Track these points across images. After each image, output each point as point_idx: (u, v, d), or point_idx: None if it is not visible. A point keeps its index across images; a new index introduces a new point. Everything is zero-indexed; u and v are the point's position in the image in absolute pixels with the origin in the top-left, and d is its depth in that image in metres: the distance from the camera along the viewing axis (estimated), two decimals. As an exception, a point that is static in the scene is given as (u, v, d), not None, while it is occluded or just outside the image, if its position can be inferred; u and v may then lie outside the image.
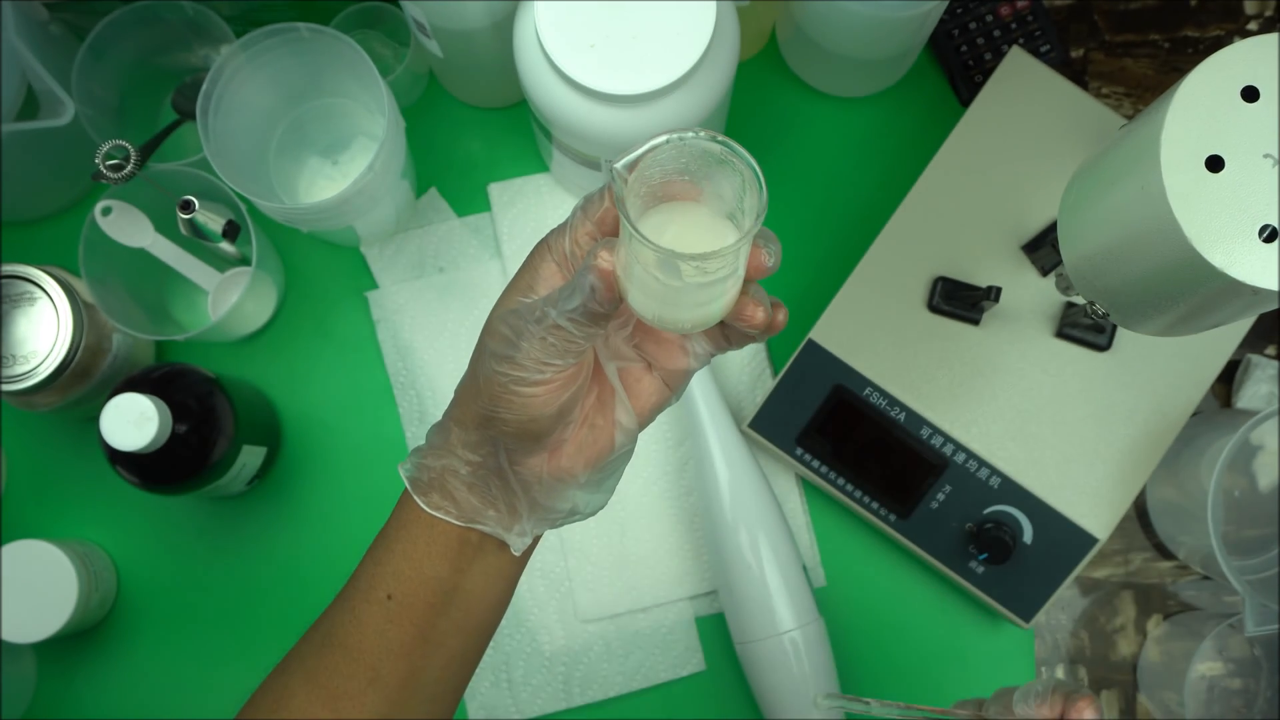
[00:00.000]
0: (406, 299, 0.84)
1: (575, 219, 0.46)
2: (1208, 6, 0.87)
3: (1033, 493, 0.76)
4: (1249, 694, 0.81)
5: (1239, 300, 0.52)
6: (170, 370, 0.74)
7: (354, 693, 0.50)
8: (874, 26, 0.74)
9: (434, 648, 0.50)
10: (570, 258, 0.46)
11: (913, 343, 0.77)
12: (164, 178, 0.75)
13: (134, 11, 0.77)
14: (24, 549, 0.76)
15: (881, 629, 0.81)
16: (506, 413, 0.46)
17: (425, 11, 0.72)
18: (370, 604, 0.50)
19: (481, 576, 0.50)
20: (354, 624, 0.50)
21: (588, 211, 0.46)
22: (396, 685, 0.50)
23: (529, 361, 0.45)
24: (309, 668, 0.51)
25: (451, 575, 0.50)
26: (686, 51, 0.65)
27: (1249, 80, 0.51)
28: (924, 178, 0.78)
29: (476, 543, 0.50)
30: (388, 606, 0.50)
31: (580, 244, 0.46)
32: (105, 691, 0.82)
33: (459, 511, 0.49)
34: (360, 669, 0.50)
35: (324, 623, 0.52)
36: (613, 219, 0.46)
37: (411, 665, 0.50)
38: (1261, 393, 0.82)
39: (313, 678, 0.51)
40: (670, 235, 0.42)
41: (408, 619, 0.50)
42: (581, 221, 0.46)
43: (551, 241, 0.47)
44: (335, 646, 0.51)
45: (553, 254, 0.47)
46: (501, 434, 0.47)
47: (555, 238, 0.47)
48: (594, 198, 0.46)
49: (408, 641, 0.50)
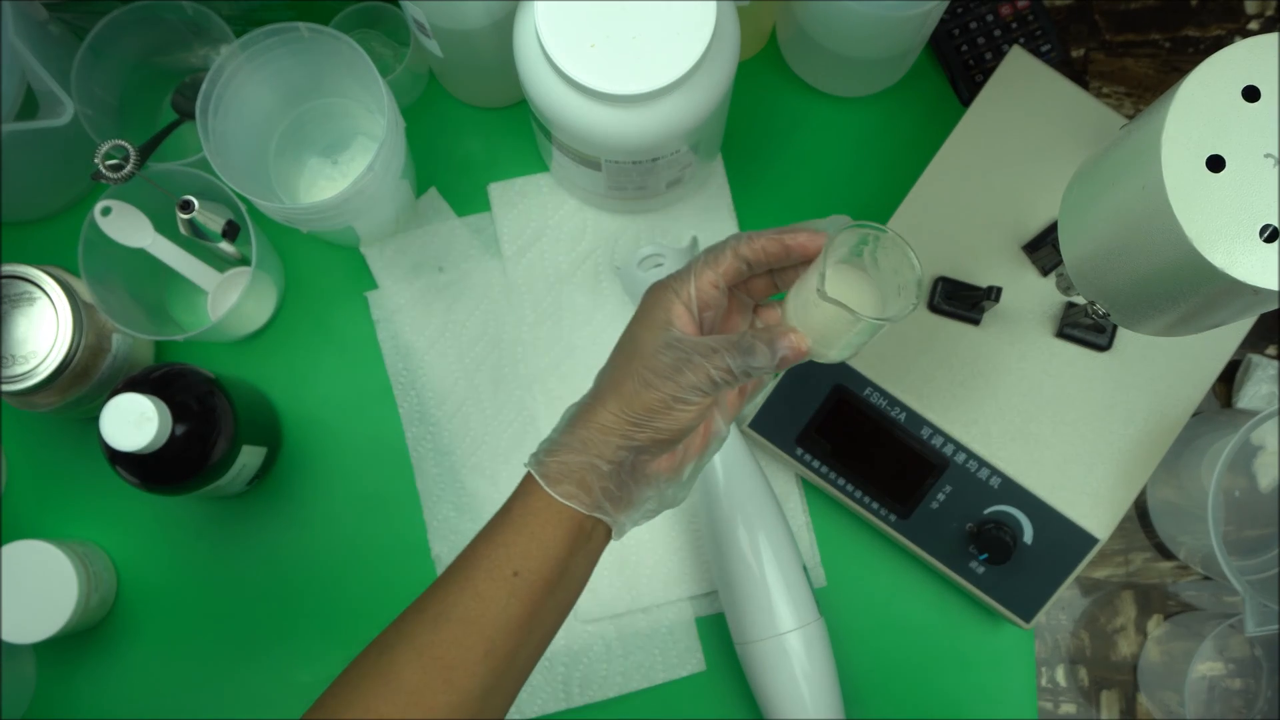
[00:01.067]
0: (406, 299, 0.84)
1: (698, 268, 0.56)
2: (1208, 6, 0.87)
3: (1033, 493, 0.76)
4: (1249, 694, 0.81)
5: (1239, 300, 0.52)
6: (170, 370, 0.74)
7: (469, 663, 0.54)
8: (874, 26, 0.74)
9: (538, 624, 0.56)
10: (693, 300, 0.56)
11: (913, 343, 0.77)
12: (164, 178, 0.75)
13: (134, 11, 0.77)
14: (24, 549, 0.76)
15: (881, 629, 0.81)
16: (663, 424, 0.55)
17: (425, 11, 0.72)
18: (495, 581, 0.55)
19: (585, 559, 0.57)
20: (476, 600, 0.54)
21: (712, 265, 0.56)
22: (505, 658, 0.55)
23: (689, 389, 0.54)
24: (420, 642, 0.54)
25: (567, 557, 0.56)
26: (686, 51, 0.65)
27: (1249, 80, 0.51)
28: (924, 178, 0.78)
29: (589, 529, 0.56)
30: (514, 583, 0.55)
31: (703, 290, 0.56)
32: (105, 691, 0.82)
33: (590, 500, 0.55)
34: (479, 640, 0.54)
35: (434, 602, 0.55)
36: (733, 273, 0.57)
37: (520, 640, 0.55)
38: (1262, 393, 0.82)
39: (425, 650, 0.54)
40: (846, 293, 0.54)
41: (528, 596, 0.55)
42: (703, 271, 0.56)
43: (675, 286, 0.57)
44: (453, 620, 0.54)
45: (679, 296, 0.56)
46: (650, 441, 0.55)
47: (678, 283, 0.57)
48: (718, 254, 0.57)
49: (522, 617, 0.55)
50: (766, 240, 0.56)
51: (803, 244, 0.56)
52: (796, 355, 0.55)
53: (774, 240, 0.56)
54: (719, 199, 0.85)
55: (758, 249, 0.56)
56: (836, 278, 0.55)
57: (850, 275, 0.56)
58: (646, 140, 0.69)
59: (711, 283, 0.56)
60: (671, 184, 0.79)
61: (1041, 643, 0.83)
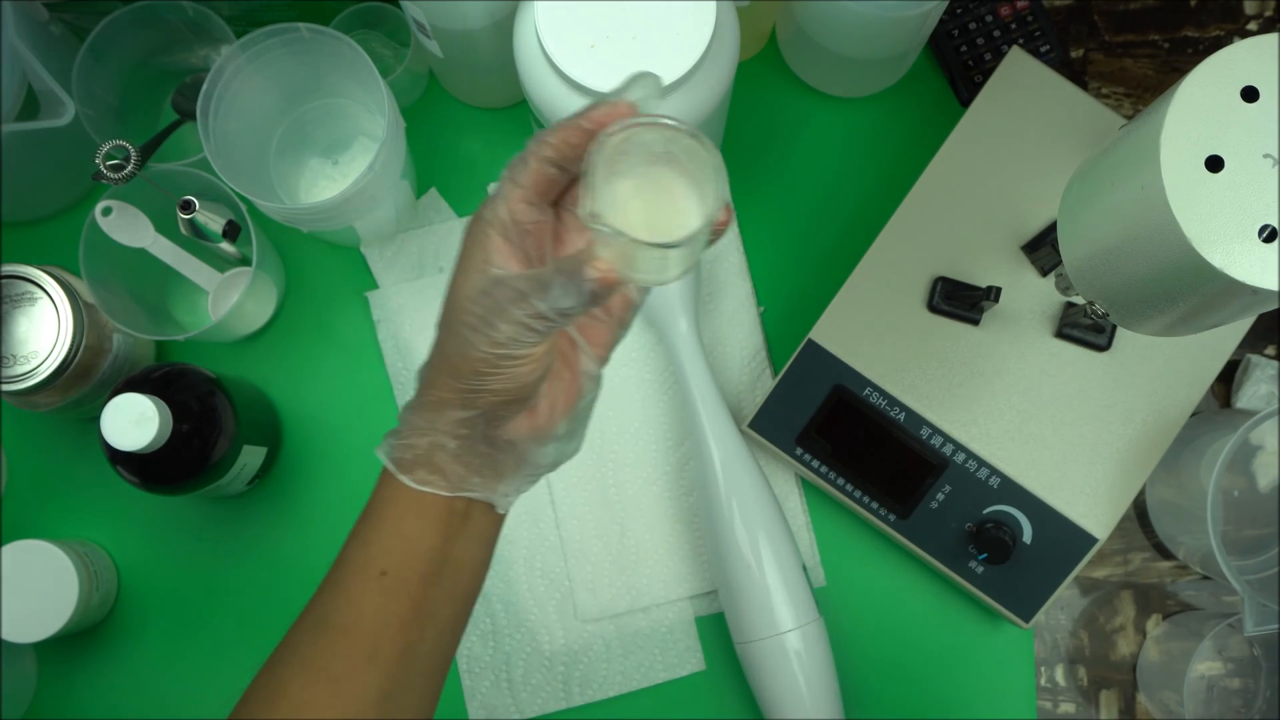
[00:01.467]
0: (407, 299, 0.84)
1: (506, 188, 0.48)
2: (1208, 6, 0.88)
3: (1032, 493, 0.76)
4: (1248, 694, 0.81)
5: (1239, 300, 0.52)
6: (170, 370, 0.74)
7: (353, 672, 0.50)
8: (874, 26, 0.74)
9: (428, 618, 0.51)
10: (510, 226, 0.48)
11: (913, 343, 0.77)
12: (164, 178, 0.75)
13: (134, 12, 0.77)
14: (24, 549, 0.76)
15: (881, 629, 0.81)
16: (495, 384, 0.48)
17: (425, 11, 0.72)
18: (365, 583, 0.51)
19: (468, 542, 0.52)
20: (349, 605, 0.51)
21: (517, 180, 0.48)
22: (395, 660, 0.51)
23: (510, 341, 0.47)
24: (303, 655, 0.51)
25: (442, 545, 0.51)
26: (686, 51, 0.65)
27: (1249, 80, 0.51)
28: (924, 178, 0.78)
29: (463, 510, 0.51)
30: (382, 583, 0.50)
31: (516, 212, 0.47)
32: (105, 691, 0.82)
33: (447, 483, 0.50)
34: (359, 647, 0.50)
35: (314, 610, 0.52)
36: (544, 182, 0.48)
37: (408, 639, 0.51)
38: (1261, 393, 0.82)
39: (309, 663, 0.51)
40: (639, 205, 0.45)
41: (404, 593, 0.51)
42: (512, 189, 0.48)
43: (488, 215, 0.48)
44: (331, 628, 0.51)
45: (494, 227, 0.48)
46: (490, 405, 0.48)
47: (490, 211, 0.48)
48: (518, 167, 0.48)
49: (405, 615, 0.51)
50: (566, 130, 0.47)
51: (605, 122, 0.46)
52: (606, 287, 0.45)
53: (572, 128, 0.47)
54: (719, 199, 0.85)
55: (559, 143, 0.47)
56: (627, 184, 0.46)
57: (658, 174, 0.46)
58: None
59: (522, 199, 0.48)
60: (671, 184, 0.79)
61: (1041, 642, 0.83)
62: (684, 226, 0.45)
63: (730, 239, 0.84)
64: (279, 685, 0.51)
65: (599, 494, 0.82)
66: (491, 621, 0.81)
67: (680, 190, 0.46)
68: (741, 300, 0.84)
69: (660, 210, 0.46)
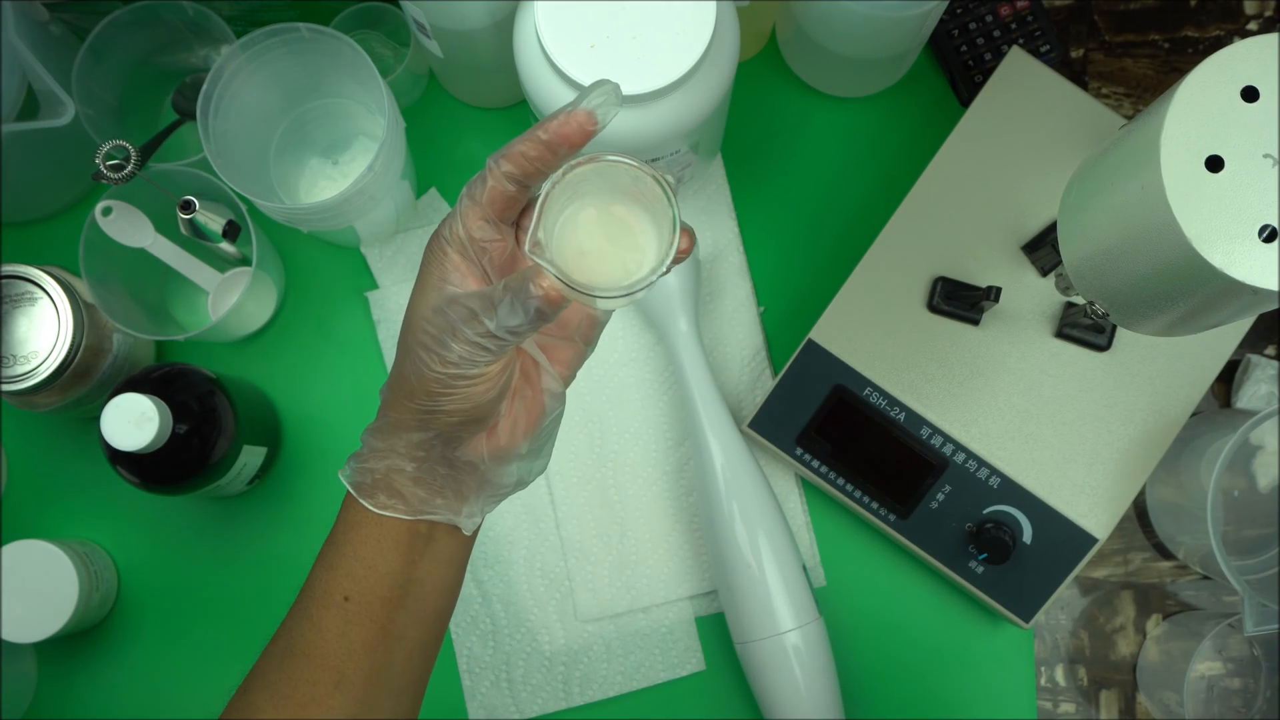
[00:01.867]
0: (406, 299, 0.84)
1: (463, 206, 0.47)
2: (1208, 6, 0.88)
3: (1032, 493, 0.76)
4: (1248, 694, 0.82)
5: (1239, 300, 0.52)
6: (170, 370, 0.74)
7: (321, 698, 0.50)
8: (874, 26, 0.74)
9: (395, 642, 0.51)
10: (467, 243, 0.47)
11: (913, 343, 0.77)
12: (164, 178, 0.75)
13: (134, 12, 0.77)
14: (24, 549, 0.76)
15: (881, 629, 0.81)
16: (450, 405, 0.48)
17: (425, 11, 0.72)
18: (328, 608, 0.51)
19: (434, 564, 0.52)
20: (313, 630, 0.51)
21: (474, 198, 0.47)
22: (362, 684, 0.51)
23: (462, 360, 0.46)
24: (271, 681, 0.51)
25: (406, 568, 0.51)
26: (686, 51, 0.65)
27: (1249, 80, 0.51)
28: (924, 178, 0.78)
29: (426, 533, 0.51)
30: (345, 609, 0.51)
31: (473, 230, 0.47)
32: (105, 691, 0.82)
33: (407, 506, 0.50)
34: (325, 674, 0.50)
35: (282, 635, 0.52)
36: (501, 200, 0.47)
37: (375, 663, 0.51)
38: (1261, 393, 0.82)
39: (277, 690, 0.51)
40: (589, 236, 0.45)
41: (367, 617, 0.51)
42: (470, 206, 0.47)
43: (446, 234, 0.48)
44: (297, 655, 0.51)
45: (451, 245, 0.48)
46: (446, 426, 0.48)
47: (448, 229, 0.48)
48: (476, 184, 0.47)
49: (370, 640, 0.51)
50: (525, 145, 0.46)
51: (566, 135, 0.45)
52: (552, 305, 0.44)
53: (531, 141, 0.46)
54: (719, 199, 0.85)
55: (516, 157, 0.46)
56: (586, 213, 0.45)
57: (616, 207, 0.46)
58: (646, 140, 0.69)
59: (479, 217, 0.47)
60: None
61: (1041, 642, 0.83)
62: (627, 272, 0.45)
63: (730, 239, 0.84)
64: (250, 711, 0.51)
65: (599, 494, 0.82)
66: (491, 621, 0.81)
67: (637, 227, 0.46)
68: (741, 300, 0.84)
69: (611, 246, 0.46)
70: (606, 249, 0.46)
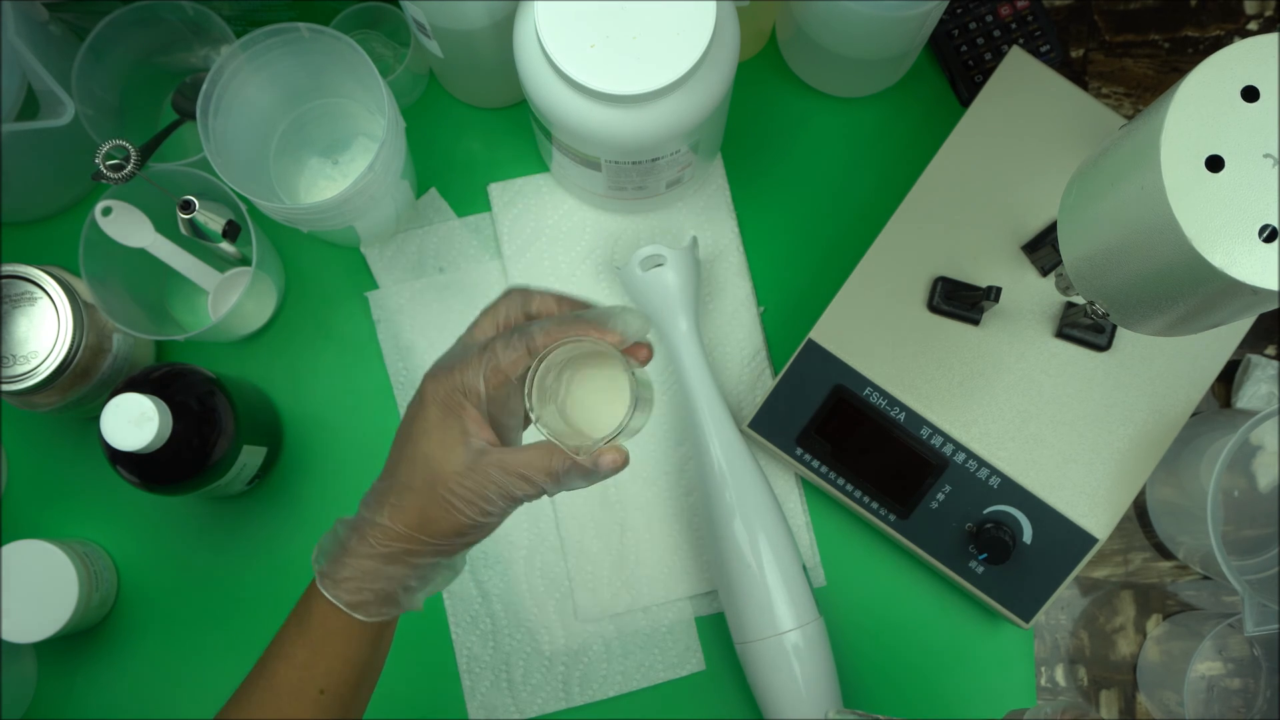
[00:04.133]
0: (407, 299, 0.84)
1: (489, 368, 0.53)
2: (1208, 6, 0.88)
3: (1033, 493, 0.76)
4: (1248, 694, 0.82)
5: (1239, 300, 0.52)
6: (170, 370, 0.74)
7: None
8: (874, 26, 0.74)
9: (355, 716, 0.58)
10: (483, 400, 0.54)
11: (913, 343, 0.77)
12: (164, 178, 0.75)
13: (134, 11, 0.77)
14: (24, 549, 0.76)
15: (881, 629, 0.82)
16: (475, 538, 0.55)
17: (425, 11, 0.72)
18: (302, 702, 0.56)
19: (386, 645, 0.59)
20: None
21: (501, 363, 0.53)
22: None
23: (500, 511, 0.54)
24: None
25: (372, 657, 0.57)
26: (686, 51, 0.65)
27: (1249, 80, 0.51)
28: (924, 178, 0.78)
29: (390, 622, 0.58)
30: (321, 700, 0.56)
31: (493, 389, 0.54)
32: (105, 691, 0.82)
33: (399, 608, 0.56)
34: None
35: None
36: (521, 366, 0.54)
37: None
38: (1261, 393, 0.82)
39: None
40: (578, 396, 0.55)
41: (338, 706, 0.56)
42: (495, 372, 0.54)
43: (463, 385, 0.54)
44: None
45: (470, 399, 0.54)
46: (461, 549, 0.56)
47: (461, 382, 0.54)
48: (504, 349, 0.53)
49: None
50: (556, 329, 0.54)
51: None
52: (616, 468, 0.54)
53: (562, 331, 0.54)
54: (719, 199, 0.85)
55: (545, 340, 0.53)
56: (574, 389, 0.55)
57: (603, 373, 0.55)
58: (646, 140, 0.69)
59: (502, 381, 0.54)
60: (671, 184, 0.79)
61: (1041, 642, 0.83)
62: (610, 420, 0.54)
63: (730, 239, 0.84)
64: None
65: (599, 494, 0.82)
66: (491, 621, 0.81)
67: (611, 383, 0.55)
68: (741, 300, 0.84)
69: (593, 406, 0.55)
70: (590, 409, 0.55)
